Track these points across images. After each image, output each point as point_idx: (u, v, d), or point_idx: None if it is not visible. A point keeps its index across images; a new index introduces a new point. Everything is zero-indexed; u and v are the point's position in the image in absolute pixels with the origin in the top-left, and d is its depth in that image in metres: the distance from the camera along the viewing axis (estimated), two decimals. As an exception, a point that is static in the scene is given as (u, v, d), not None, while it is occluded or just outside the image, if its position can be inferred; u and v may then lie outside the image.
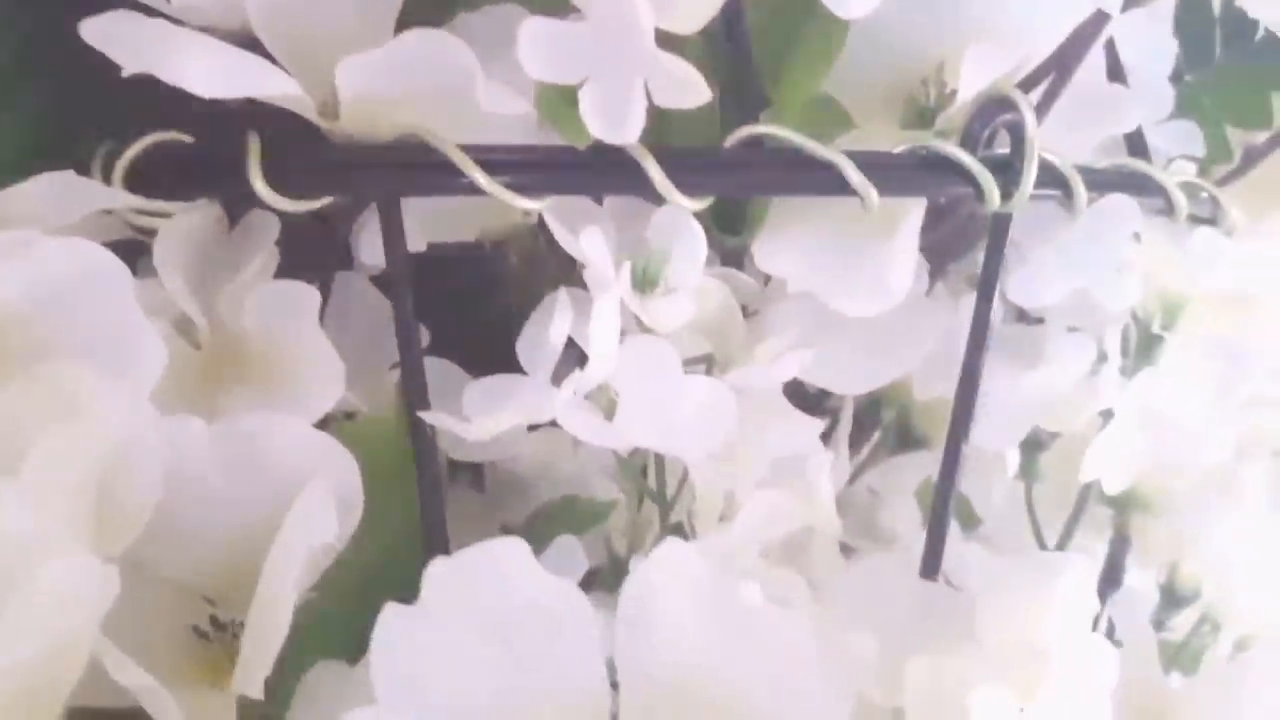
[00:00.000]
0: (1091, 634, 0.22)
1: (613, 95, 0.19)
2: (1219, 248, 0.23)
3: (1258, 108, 0.29)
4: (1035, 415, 0.24)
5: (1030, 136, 0.22)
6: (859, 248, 0.22)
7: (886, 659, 0.21)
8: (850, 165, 0.21)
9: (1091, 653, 0.22)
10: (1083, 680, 0.21)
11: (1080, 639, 0.21)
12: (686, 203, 0.21)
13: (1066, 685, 0.21)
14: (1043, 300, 0.24)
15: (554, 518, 0.26)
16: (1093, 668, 0.22)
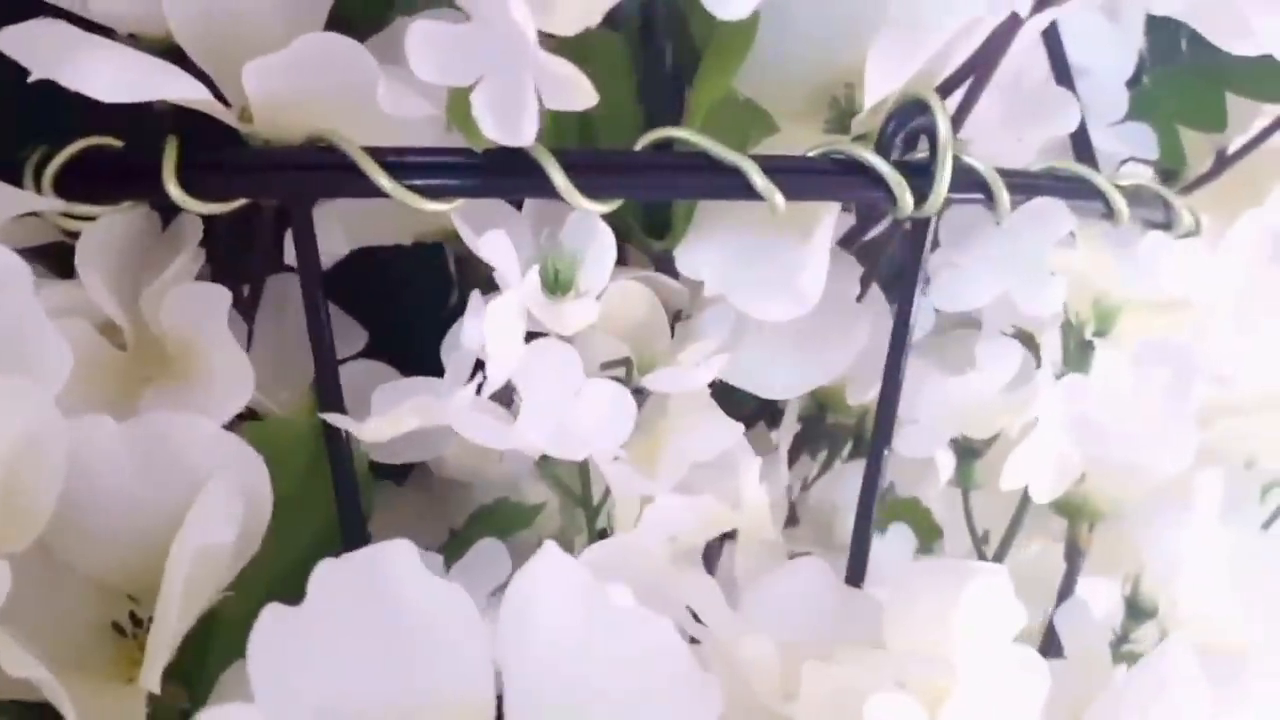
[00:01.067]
0: (1016, 645, 0.22)
1: (503, 98, 0.19)
2: (1153, 253, 0.23)
3: (1212, 109, 0.29)
4: (958, 422, 0.24)
5: (943, 139, 0.21)
6: (774, 252, 0.22)
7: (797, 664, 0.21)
8: (755, 169, 0.21)
9: (1014, 664, 0.21)
10: (1003, 691, 0.21)
11: (998, 649, 0.21)
12: (589, 205, 0.21)
13: (979, 695, 0.21)
14: (967, 304, 0.23)
15: (485, 521, 0.26)
16: (1015, 679, 0.21)
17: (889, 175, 0.21)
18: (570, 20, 0.18)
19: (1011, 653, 0.21)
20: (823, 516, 0.33)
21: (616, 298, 0.24)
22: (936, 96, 0.21)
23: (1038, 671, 0.21)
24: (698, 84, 0.22)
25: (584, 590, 0.17)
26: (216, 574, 0.21)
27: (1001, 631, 0.21)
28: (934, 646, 0.21)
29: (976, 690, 0.20)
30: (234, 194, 0.21)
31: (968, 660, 0.20)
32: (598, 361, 0.23)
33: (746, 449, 0.25)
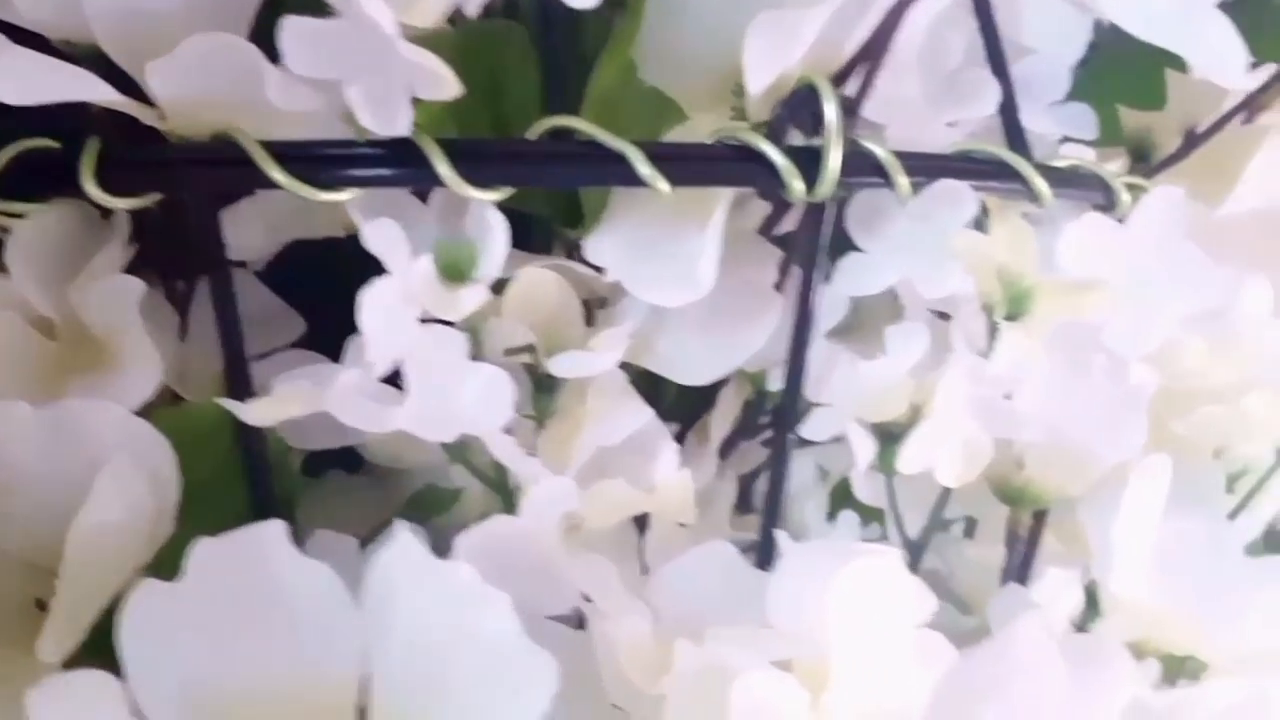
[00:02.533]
0: (912, 627, 0.21)
1: (375, 90, 0.19)
2: (1070, 234, 0.23)
3: (1150, 87, 0.28)
4: (867, 406, 0.24)
5: (830, 124, 0.21)
6: (673, 239, 0.23)
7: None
8: (639, 156, 0.21)
9: (908, 646, 0.21)
10: (894, 673, 0.21)
11: (885, 631, 0.21)
12: (476, 194, 0.21)
13: (862, 677, 0.21)
14: (869, 289, 0.23)
15: (413, 507, 0.27)
16: (910, 661, 0.21)
17: (778, 161, 0.21)
18: (429, 12, 0.19)
19: (905, 635, 0.21)
20: (781, 504, 0.33)
21: (527, 285, 0.24)
22: (825, 80, 0.21)
23: (936, 654, 0.21)
24: (595, 73, 0.23)
25: (429, 570, 0.18)
26: (121, 553, 0.22)
27: (893, 613, 0.21)
28: (814, 627, 0.21)
29: (858, 672, 0.20)
30: (144, 190, 0.22)
31: (846, 641, 0.20)
32: (504, 348, 0.23)
33: (663, 434, 0.25)
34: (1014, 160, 0.23)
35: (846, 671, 0.20)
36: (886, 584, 0.21)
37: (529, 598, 0.22)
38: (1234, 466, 0.31)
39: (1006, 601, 0.27)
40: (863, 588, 0.21)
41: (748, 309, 0.24)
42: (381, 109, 0.20)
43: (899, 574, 0.21)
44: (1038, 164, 0.25)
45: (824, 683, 0.21)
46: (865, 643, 0.20)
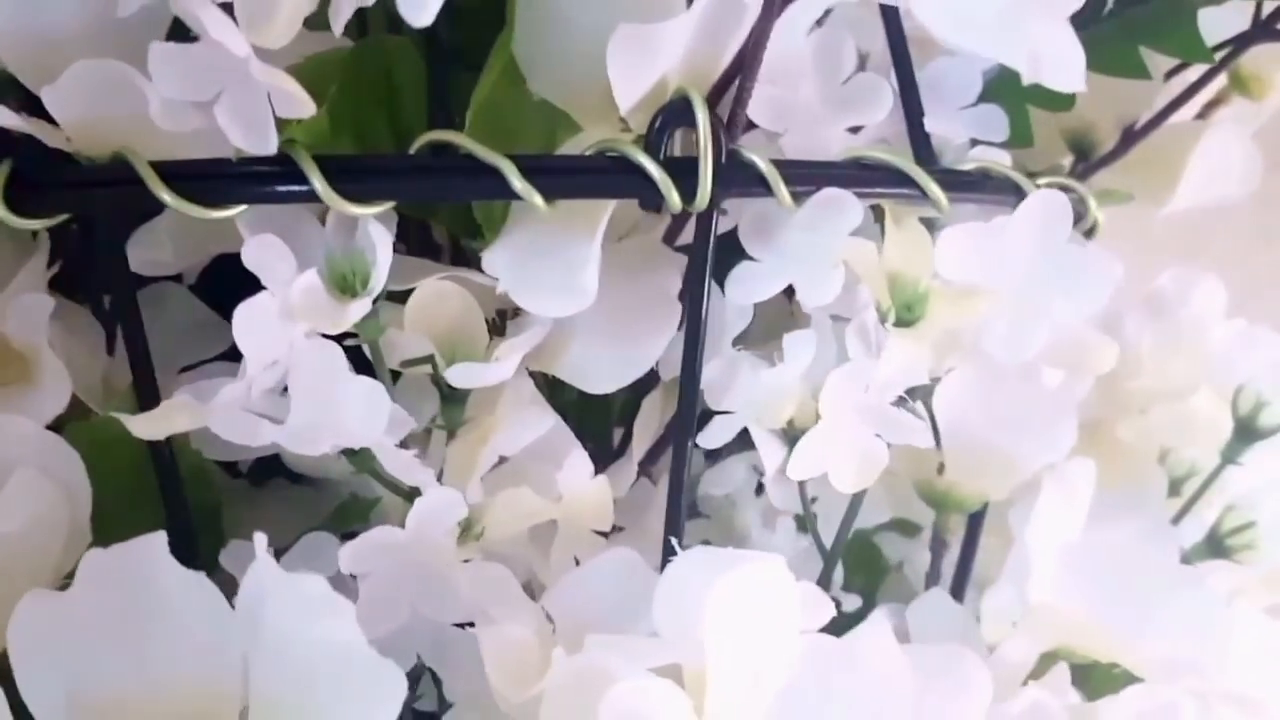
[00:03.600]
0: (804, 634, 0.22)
1: (241, 110, 0.20)
2: (948, 241, 0.23)
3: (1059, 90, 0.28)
4: (759, 413, 0.24)
5: (703, 134, 0.21)
6: (560, 250, 0.23)
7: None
8: (513, 170, 0.21)
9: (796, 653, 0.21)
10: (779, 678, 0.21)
11: (767, 636, 0.21)
12: (352, 209, 0.21)
13: (740, 683, 0.21)
14: (758, 297, 0.23)
15: (339, 515, 0.27)
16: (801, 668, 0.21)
17: (654, 173, 0.22)
18: (278, 35, 0.19)
19: (791, 642, 0.21)
20: (724, 509, 0.33)
21: (428, 297, 0.24)
22: (696, 91, 0.22)
23: (828, 662, 0.21)
24: (479, 86, 0.23)
25: (284, 581, 0.18)
26: (30, 563, 0.22)
27: (778, 620, 0.21)
28: (695, 634, 0.21)
29: (736, 679, 0.20)
30: (48, 211, 0.23)
31: (722, 649, 0.20)
32: (402, 359, 0.24)
33: (571, 442, 0.26)
34: (905, 166, 0.23)
35: (723, 679, 0.20)
36: (770, 591, 0.21)
37: (425, 606, 0.23)
38: (1179, 470, 0.31)
39: (928, 607, 0.27)
40: (743, 595, 0.21)
41: (650, 317, 0.25)
42: (249, 128, 0.20)
43: (783, 581, 0.21)
44: (942, 169, 0.25)
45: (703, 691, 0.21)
46: (743, 650, 0.21)
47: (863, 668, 0.19)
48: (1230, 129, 0.31)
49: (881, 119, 0.25)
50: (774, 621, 0.21)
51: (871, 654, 0.19)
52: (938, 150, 0.26)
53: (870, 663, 0.19)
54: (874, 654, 0.19)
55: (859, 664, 0.19)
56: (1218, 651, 0.23)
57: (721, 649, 0.20)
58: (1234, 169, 0.32)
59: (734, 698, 0.21)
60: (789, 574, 0.22)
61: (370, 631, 0.22)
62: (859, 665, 0.19)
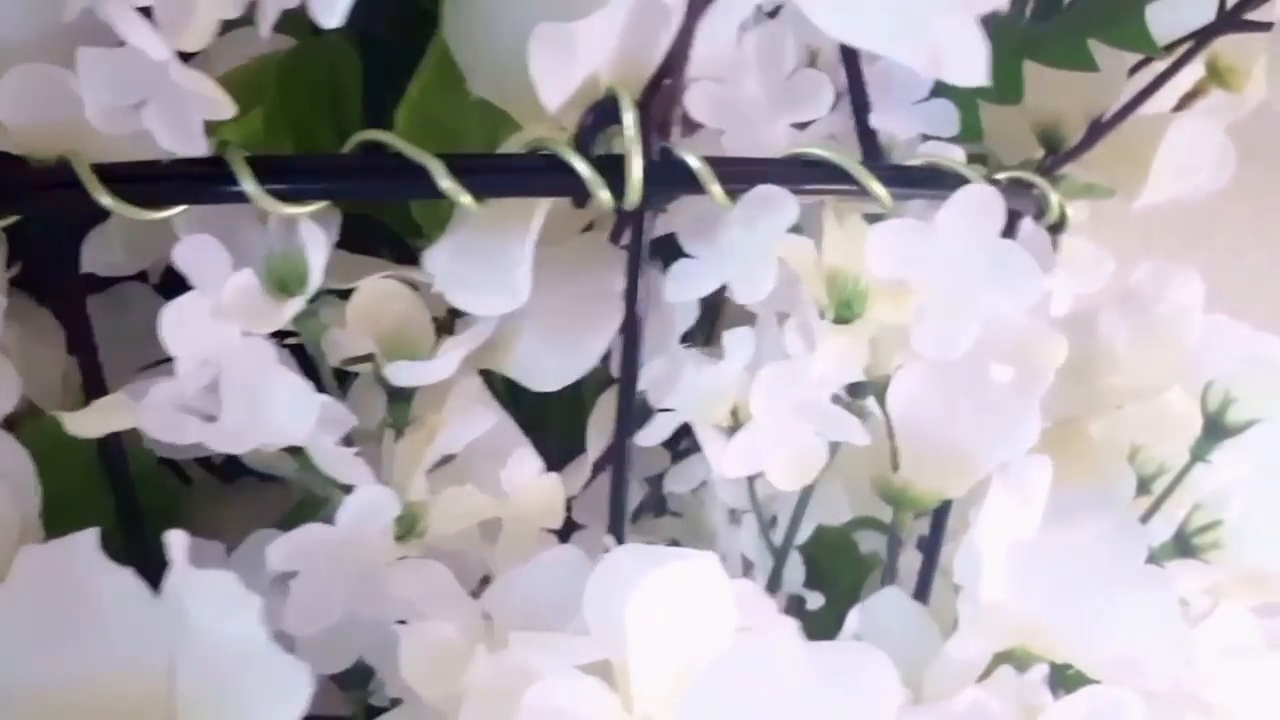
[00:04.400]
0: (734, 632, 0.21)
1: (168, 113, 0.20)
2: (878, 237, 0.22)
3: (1007, 81, 0.27)
4: (691, 411, 0.24)
5: (630, 132, 0.21)
6: (495, 249, 0.23)
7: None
8: (441, 169, 0.21)
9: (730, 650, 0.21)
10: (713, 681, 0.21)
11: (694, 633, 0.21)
12: (284, 209, 0.22)
13: (666, 680, 0.21)
14: (693, 295, 0.23)
15: (295, 514, 0.27)
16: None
17: (583, 171, 0.22)
18: (196, 38, 0.19)
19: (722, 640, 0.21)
20: (693, 507, 0.33)
21: (370, 295, 0.25)
22: (624, 89, 0.22)
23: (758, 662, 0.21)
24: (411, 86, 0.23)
25: (197, 577, 0.19)
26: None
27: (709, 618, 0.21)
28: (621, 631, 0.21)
29: (659, 676, 0.20)
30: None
31: (643, 646, 0.20)
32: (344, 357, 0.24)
33: (518, 440, 0.26)
34: (845, 162, 0.23)
35: (645, 676, 0.20)
36: (700, 589, 0.21)
37: (360, 604, 0.23)
38: (1149, 468, 0.31)
39: (881, 605, 0.27)
40: (668, 593, 0.21)
41: (593, 316, 0.25)
42: (176, 131, 0.20)
43: (715, 580, 0.21)
44: (886, 165, 0.25)
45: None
46: (666, 648, 0.21)
47: (763, 667, 0.19)
48: (1200, 121, 0.31)
49: (823, 115, 0.24)
50: (703, 619, 0.21)
51: (771, 653, 0.19)
52: (888, 146, 0.26)
53: (770, 662, 0.19)
54: (773, 653, 0.19)
55: (758, 663, 0.19)
56: (1169, 652, 0.23)
57: (643, 647, 0.20)
58: (1207, 162, 0.31)
59: (657, 696, 0.21)
60: (721, 572, 0.22)
61: (305, 629, 0.22)
62: (758, 665, 0.19)
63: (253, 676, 0.18)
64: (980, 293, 0.22)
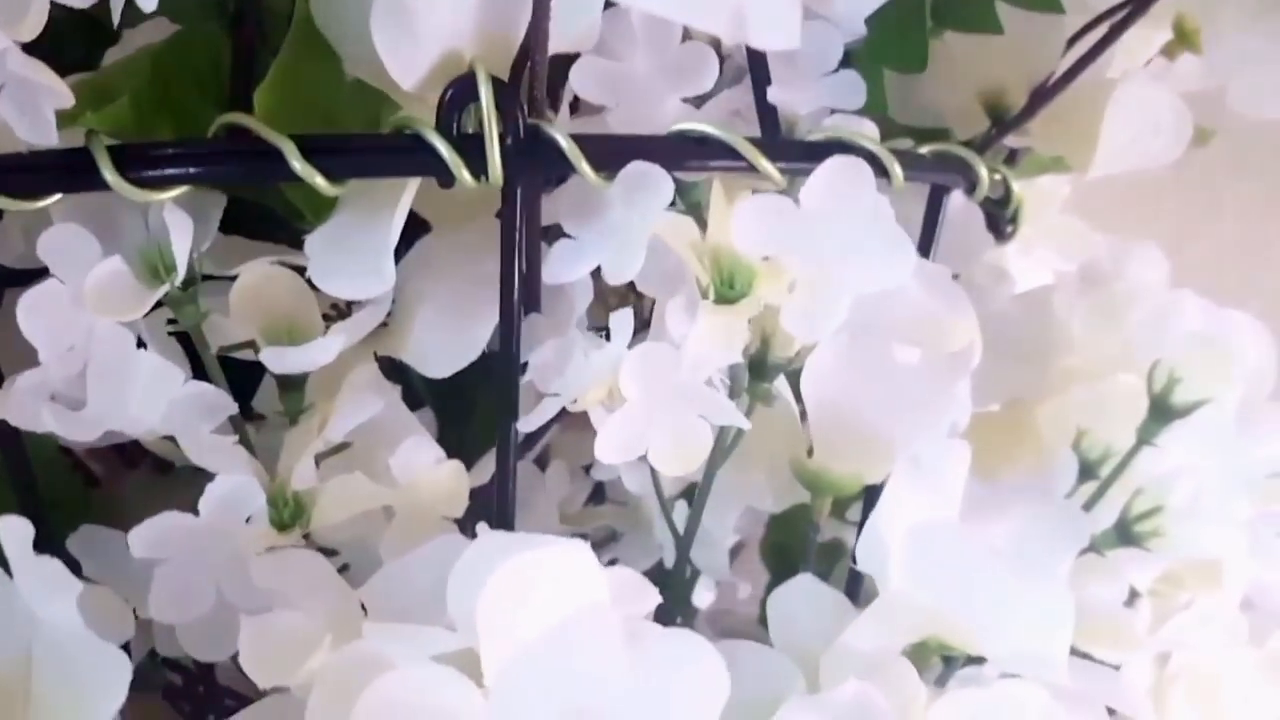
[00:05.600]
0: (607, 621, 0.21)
1: (20, 103, 0.20)
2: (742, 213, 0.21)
3: (910, 48, 0.26)
4: (569, 395, 0.23)
5: (486, 110, 0.21)
6: (365, 233, 0.22)
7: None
8: (293, 151, 0.21)
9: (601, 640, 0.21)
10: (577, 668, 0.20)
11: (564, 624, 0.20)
12: (143, 196, 0.21)
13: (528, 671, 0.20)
14: (571, 277, 0.23)
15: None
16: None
17: (443, 151, 0.21)
18: (30, 29, 0.19)
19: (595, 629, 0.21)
20: (630, 496, 0.32)
21: (254, 281, 0.24)
22: (481, 67, 0.21)
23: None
24: (273, 68, 0.23)
25: (32, 564, 0.18)
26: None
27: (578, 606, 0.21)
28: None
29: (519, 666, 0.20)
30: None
31: (496, 635, 0.20)
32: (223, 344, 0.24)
33: (414, 428, 0.25)
34: (728, 138, 0.22)
35: (500, 663, 0.20)
36: (564, 577, 0.21)
37: (229, 593, 0.23)
38: (1095, 451, 0.29)
39: (793, 592, 0.26)
40: (525, 582, 0.20)
41: (480, 301, 0.24)
42: (29, 121, 0.20)
43: (582, 568, 0.21)
44: (778, 140, 0.24)
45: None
46: (521, 637, 0.20)
47: (578, 653, 0.18)
48: (1147, 87, 0.29)
49: (708, 88, 0.24)
50: (564, 608, 0.21)
51: (586, 639, 0.18)
52: (792, 120, 0.25)
53: (585, 648, 0.18)
54: (588, 639, 0.18)
55: (573, 649, 0.18)
56: (1055, 645, 0.22)
57: (496, 636, 0.20)
58: (1162, 129, 0.30)
59: (517, 687, 0.20)
60: (590, 560, 0.21)
61: (173, 617, 0.22)
62: (574, 650, 0.18)
63: (75, 663, 0.18)
64: (848, 269, 0.21)
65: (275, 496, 0.24)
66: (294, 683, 0.20)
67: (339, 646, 0.21)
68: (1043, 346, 0.31)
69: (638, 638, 0.18)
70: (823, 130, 0.25)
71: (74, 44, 0.25)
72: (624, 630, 0.18)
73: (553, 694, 0.18)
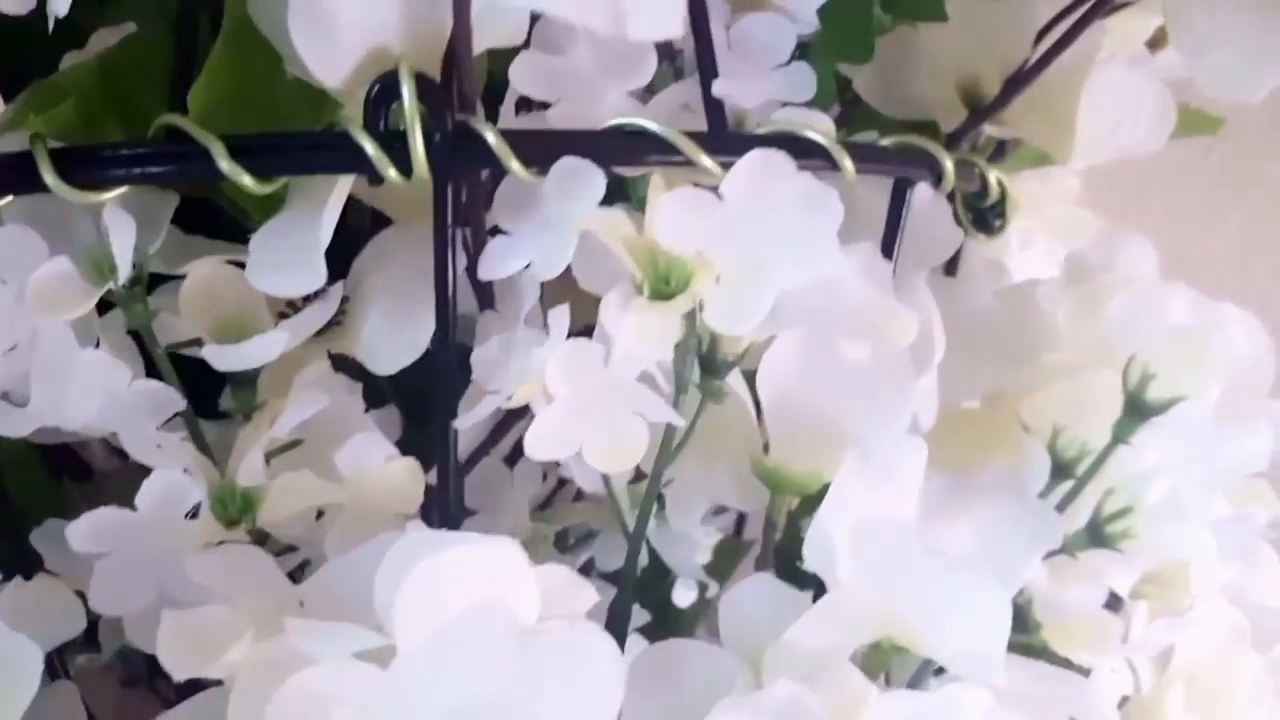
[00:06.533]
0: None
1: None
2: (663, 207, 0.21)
3: (856, 38, 0.26)
4: (505, 392, 0.23)
5: (408, 105, 0.21)
6: (301, 230, 0.23)
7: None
8: (220, 150, 0.21)
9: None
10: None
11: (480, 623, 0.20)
12: (80, 197, 0.22)
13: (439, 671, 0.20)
14: (503, 272, 0.22)
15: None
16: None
17: (368, 148, 0.21)
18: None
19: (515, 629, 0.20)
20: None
21: (203, 279, 0.25)
22: (404, 62, 0.21)
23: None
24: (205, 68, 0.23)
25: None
26: None
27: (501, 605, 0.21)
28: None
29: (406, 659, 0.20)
30: None
31: (410, 633, 0.20)
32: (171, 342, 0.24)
33: (363, 424, 0.26)
34: (665, 132, 0.22)
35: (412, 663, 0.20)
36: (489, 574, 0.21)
37: (169, 588, 0.23)
38: (1071, 450, 0.28)
39: (750, 592, 0.25)
40: (445, 579, 0.20)
41: (423, 296, 0.24)
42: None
43: (509, 564, 0.21)
44: (720, 134, 0.24)
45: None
46: (439, 635, 0.20)
47: (468, 651, 0.18)
48: (1122, 72, 0.28)
49: (645, 81, 0.23)
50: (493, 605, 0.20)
51: (479, 636, 0.18)
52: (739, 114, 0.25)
53: (476, 645, 0.18)
54: (481, 636, 0.18)
55: (465, 647, 0.18)
56: (996, 645, 0.21)
57: (412, 633, 0.20)
58: (1143, 116, 0.29)
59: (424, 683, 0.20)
60: (520, 557, 0.21)
61: (113, 609, 0.23)
62: (465, 648, 0.18)
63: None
64: (771, 262, 0.21)
65: (223, 492, 0.24)
66: (210, 674, 0.20)
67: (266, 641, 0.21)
68: (1026, 342, 0.30)
69: (529, 636, 0.18)
70: (772, 123, 0.24)
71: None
72: (515, 628, 0.18)
73: (442, 689, 0.18)
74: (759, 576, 0.26)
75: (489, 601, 0.18)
